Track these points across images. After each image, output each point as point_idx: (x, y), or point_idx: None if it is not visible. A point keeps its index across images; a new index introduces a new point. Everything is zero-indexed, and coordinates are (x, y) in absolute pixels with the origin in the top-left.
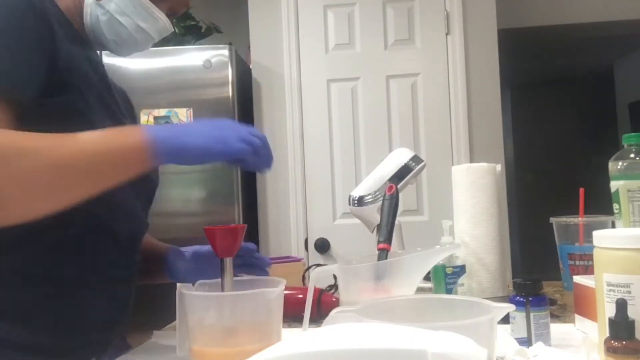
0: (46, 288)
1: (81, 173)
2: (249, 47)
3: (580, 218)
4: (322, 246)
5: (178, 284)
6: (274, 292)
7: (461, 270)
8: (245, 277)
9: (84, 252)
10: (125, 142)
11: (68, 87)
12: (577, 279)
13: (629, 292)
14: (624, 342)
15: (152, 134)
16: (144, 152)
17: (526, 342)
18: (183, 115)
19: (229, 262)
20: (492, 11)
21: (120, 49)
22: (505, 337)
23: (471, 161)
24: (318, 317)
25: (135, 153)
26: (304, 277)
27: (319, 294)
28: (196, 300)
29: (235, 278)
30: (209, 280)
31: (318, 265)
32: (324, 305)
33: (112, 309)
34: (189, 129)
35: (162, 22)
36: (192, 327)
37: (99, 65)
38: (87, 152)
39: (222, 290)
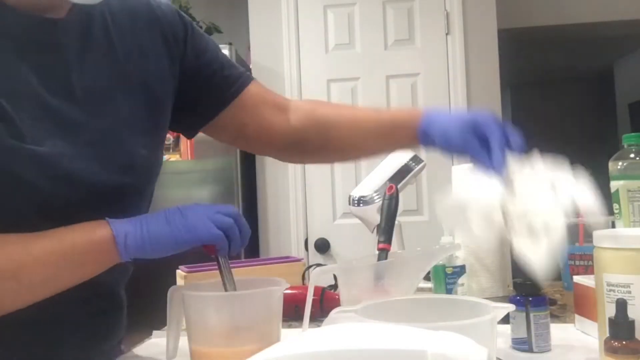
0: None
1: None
2: (249, 47)
3: (580, 218)
4: (322, 246)
5: (171, 288)
6: (275, 291)
7: (461, 270)
8: (245, 278)
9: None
10: (89, 241)
11: None
12: (577, 279)
13: (629, 292)
14: (624, 342)
15: (117, 229)
16: (111, 250)
17: (526, 342)
18: None
19: (223, 259)
20: (492, 11)
21: None
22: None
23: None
24: (320, 315)
25: (101, 253)
26: (304, 277)
27: (322, 292)
28: (196, 300)
29: (235, 278)
30: (211, 280)
31: (318, 265)
32: (326, 303)
33: (89, 342)
34: (155, 219)
35: None
36: (191, 327)
37: (51, 44)
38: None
39: (225, 288)
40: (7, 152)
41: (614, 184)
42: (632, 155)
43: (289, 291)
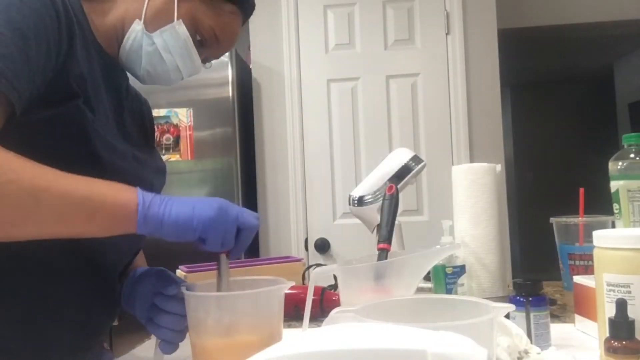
0: (10, 310)
1: (62, 208)
2: (249, 47)
3: (580, 218)
4: (322, 246)
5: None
6: (278, 290)
7: (461, 270)
8: (247, 278)
9: (52, 277)
10: (114, 196)
11: (73, 96)
12: (577, 279)
13: (629, 292)
14: (624, 342)
15: (143, 197)
16: (131, 215)
17: None
18: (183, 115)
19: (223, 258)
20: (492, 11)
21: (149, 80)
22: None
23: (471, 161)
24: (321, 315)
25: (121, 211)
26: (304, 277)
27: (322, 292)
28: (197, 301)
29: (237, 278)
30: (210, 280)
31: (318, 265)
32: (326, 303)
33: (80, 336)
34: (182, 202)
35: (196, 67)
36: (194, 326)
37: (115, 79)
38: (72, 189)
39: (217, 289)
40: (94, 133)
41: (614, 184)
42: (632, 155)
43: (289, 291)
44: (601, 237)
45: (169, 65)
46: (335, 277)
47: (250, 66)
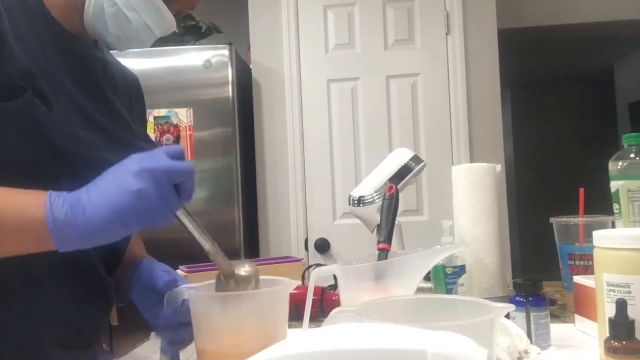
0: (4, 310)
1: None
2: (249, 47)
3: (580, 218)
4: (322, 246)
5: (168, 292)
6: (282, 290)
7: (461, 270)
8: None
9: (42, 276)
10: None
11: (19, 90)
12: (577, 279)
13: (629, 292)
14: (624, 342)
15: (52, 212)
16: (43, 236)
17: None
18: (183, 115)
19: (181, 216)
20: (492, 11)
21: (121, 44)
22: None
23: (471, 161)
24: (321, 315)
25: (31, 235)
26: (304, 277)
27: (322, 292)
28: (203, 301)
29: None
30: (212, 281)
31: (318, 265)
32: (326, 303)
33: (75, 335)
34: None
35: (169, 22)
36: (197, 327)
37: (85, 62)
38: None
39: (203, 247)
40: (50, 125)
41: (614, 184)
42: (632, 155)
43: (293, 290)
44: (601, 237)
45: (136, 24)
46: (335, 277)
47: (250, 66)
